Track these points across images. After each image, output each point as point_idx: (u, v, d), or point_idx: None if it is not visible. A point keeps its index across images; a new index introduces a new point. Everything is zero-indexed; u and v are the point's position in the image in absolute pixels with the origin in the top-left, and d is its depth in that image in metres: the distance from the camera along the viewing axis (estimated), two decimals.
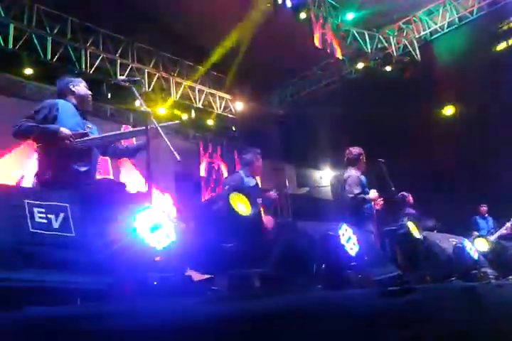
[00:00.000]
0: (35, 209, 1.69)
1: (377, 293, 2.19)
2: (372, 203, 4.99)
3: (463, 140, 8.82)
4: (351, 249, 2.49)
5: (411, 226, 3.93)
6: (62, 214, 1.74)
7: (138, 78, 3.47)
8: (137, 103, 7.30)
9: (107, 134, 3.33)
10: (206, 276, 2.43)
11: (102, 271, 1.63)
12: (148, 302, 1.45)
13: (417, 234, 3.78)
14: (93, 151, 3.24)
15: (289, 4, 8.63)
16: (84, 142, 3.11)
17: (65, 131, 3.04)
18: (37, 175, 3.11)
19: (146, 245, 1.60)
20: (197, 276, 2.37)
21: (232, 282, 2.01)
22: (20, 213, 1.66)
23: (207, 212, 2.87)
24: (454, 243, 3.72)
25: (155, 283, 1.50)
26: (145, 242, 1.60)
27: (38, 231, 1.65)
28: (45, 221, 1.69)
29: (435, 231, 5.29)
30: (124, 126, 9.14)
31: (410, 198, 6.84)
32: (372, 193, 4.95)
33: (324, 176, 11.33)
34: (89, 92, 3.45)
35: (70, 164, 3.04)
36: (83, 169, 3.08)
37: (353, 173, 5.13)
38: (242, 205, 2.80)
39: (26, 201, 1.70)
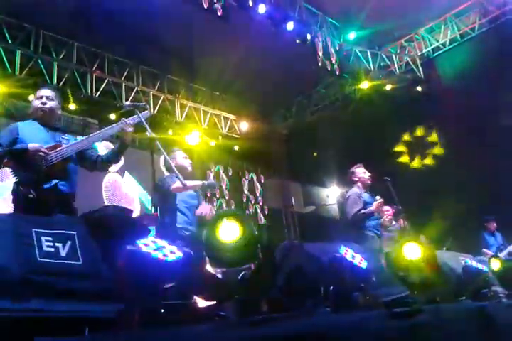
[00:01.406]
0: (43, 238, 1.71)
1: (385, 314, 2.17)
2: (381, 221, 5.00)
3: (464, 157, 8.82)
4: (360, 263, 2.49)
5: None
6: (69, 242, 1.75)
7: (143, 103, 3.50)
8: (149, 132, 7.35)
9: (80, 140, 3.26)
10: (211, 303, 2.41)
11: (110, 298, 1.63)
12: (157, 331, 1.45)
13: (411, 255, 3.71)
14: (70, 168, 3.18)
15: (290, 27, 8.73)
16: (59, 153, 3.05)
17: (33, 145, 2.99)
18: (12, 197, 3.08)
19: (154, 258, 1.58)
20: (202, 303, 2.35)
21: (240, 307, 2.01)
22: (28, 242, 1.68)
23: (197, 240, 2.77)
24: (463, 261, 3.70)
25: (162, 310, 1.50)
26: (153, 255, 1.59)
27: (46, 260, 1.66)
28: (52, 249, 1.70)
29: (444, 249, 5.26)
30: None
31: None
32: (374, 204, 4.93)
33: (331, 194, 11.32)
34: (42, 105, 3.27)
35: (36, 181, 2.99)
36: (48, 185, 3.03)
37: (353, 191, 5.17)
38: (228, 230, 2.42)
39: (34, 230, 1.71)
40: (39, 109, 3.26)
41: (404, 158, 10.10)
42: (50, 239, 1.73)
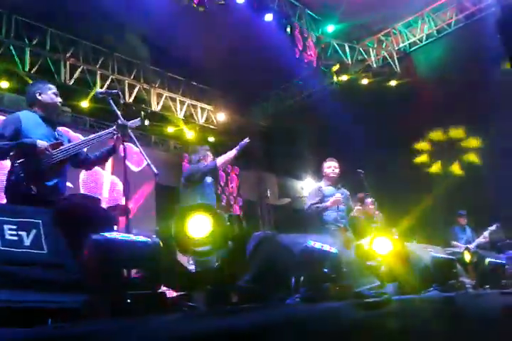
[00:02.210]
0: (6, 226, 1.66)
1: (356, 305, 2.19)
2: (350, 213, 5.05)
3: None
4: (330, 249, 2.50)
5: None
6: (34, 231, 1.71)
7: (116, 90, 3.46)
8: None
9: (80, 141, 3.26)
10: (179, 293, 2.39)
11: (75, 289, 1.59)
12: (123, 322, 1.42)
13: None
14: (62, 164, 3.17)
15: (269, 18, 8.68)
16: (62, 152, 3.07)
17: (42, 143, 3.00)
18: (6, 189, 3.06)
19: (121, 239, 1.54)
20: (170, 293, 2.33)
21: (209, 298, 1.99)
22: None
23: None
24: (431, 253, 3.75)
25: (128, 301, 1.47)
26: (121, 238, 1.55)
27: (8, 248, 1.62)
28: (15, 238, 1.66)
29: (414, 242, 5.34)
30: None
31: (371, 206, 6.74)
32: (331, 199, 4.97)
33: (306, 186, 11.36)
34: (58, 100, 3.36)
35: (39, 178, 2.99)
36: (51, 183, 3.05)
37: (316, 185, 5.27)
38: (198, 224, 2.29)
39: None
40: (54, 102, 3.33)
41: (422, 158, 9.84)
42: (14, 227, 1.68)
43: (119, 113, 2.94)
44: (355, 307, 2.19)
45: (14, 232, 1.67)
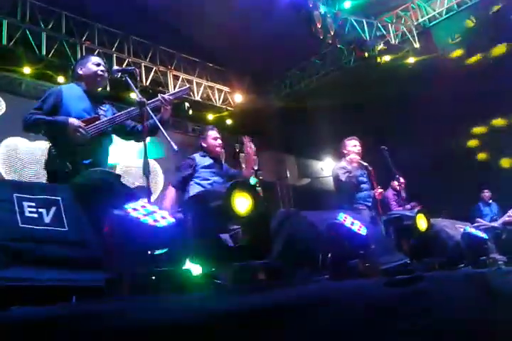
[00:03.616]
0: (25, 204, 1.62)
1: (385, 282, 2.12)
2: (372, 193, 4.98)
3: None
4: (359, 230, 2.43)
5: (419, 218, 3.81)
6: (53, 208, 1.66)
7: (132, 67, 3.40)
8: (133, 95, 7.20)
9: (116, 114, 3.19)
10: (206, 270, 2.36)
11: (98, 266, 1.56)
12: (147, 300, 1.37)
13: (423, 226, 3.67)
14: (102, 140, 3.13)
15: None
16: (97, 128, 3.01)
17: (73, 121, 2.95)
18: (45, 166, 3.05)
19: (143, 223, 1.50)
20: (197, 270, 2.31)
21: (236, 275, 1.94)
22: (8, 207, 1.58)
23: (204, 207, 2.75)
24: (462, 229, 3.66)
25: (153, 277, 1.43)
26: (143, 220, 1.51)
27: (28, 226, 1.58)
28: (35, 215, 1.62)
29: (440, 218, 5.23)
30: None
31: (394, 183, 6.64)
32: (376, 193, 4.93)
33: (325, 167, 11.24)
34: (99, 68, 3.28)
35: (74, 156, 2.95)
36: (87, 161, 2.99)
37: (339, 166, 5.16)
38: (243, 203, 2.54)
39: (15, 195, 1.62)
40: (98, 73, 3.26)
41: (482, 156, 9.31)
42: (33, 204, 1.64)
43: (136, 90, 2.88)
44: (384, 285, 2.12)
45: (34, 209, 1.63)
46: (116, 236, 1.44)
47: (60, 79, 8.14)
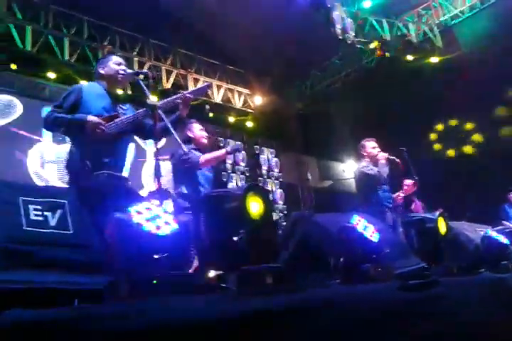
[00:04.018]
0: (31, 206, 1.63)
1: (398, 286, 2.07)
2: (395, 195, 4.92)
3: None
4: (371, 236, 2.38)
5: (440, 221, 3.74)
6: (59, 211, 1.67)
7: (145, 71, 3.41)
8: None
9: (135, 113, 3.19)
10: (218, 272, 2.34)
11: (100, 270, 1.55)
12: (149, 303, 1.36)
13: (443, 230, 3.61)
14: (121, 138, 3.13)
15: None
16: (116, 126, 3.03)
17: (92, 119, 2.96)
18: (66, 166, 3.08)
19: (146, 231, 1.49)
20: (210, 273, 2.29)
21: (243, 279, 1.92)
22: (14, 210, 1.60)
23: (218, 208, 2.75)
24: (482, 232, 3.56)
25: (154, 282, 1.41)
26: (145, 229, 1.50)
27: (33, 229, 1.59)
28: (41, 218, 1.63)
29: (463, 221, 5.11)
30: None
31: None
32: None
33: (347, 168, 11.14)
34: (121, 68, 3.29)
35: (94, 154, 2.96)
36: (107, 159, 2.99)
37: (361, 165, 5.13)
38: (255, 206, 2.59)
39: (21, 198, 1.64)
40: (118, 72, 3.26)
41: (437, 147, 9.90)
42: (39, 207, 1.65)
43: (148, 92, 2.88)
44: (397, 290, 2.07)
45: (39, 212, 1.64)
46: (116, 240, 1.43)
47: (84, 83, 8.26)
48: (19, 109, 7.85)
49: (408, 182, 6.12)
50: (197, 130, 4.43)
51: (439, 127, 10.22)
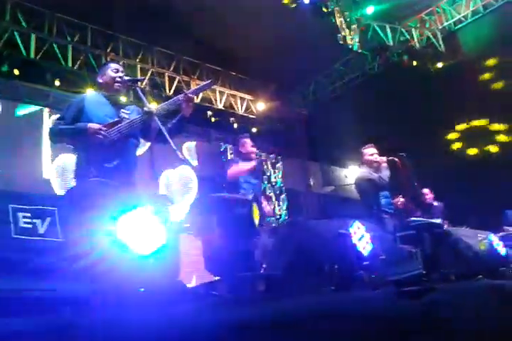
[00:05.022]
0: (20, 214, 1.63)
1: (393, 293, 2.05)
2: (395, 201, 4.91)
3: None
4: (364, 248, 2.36)
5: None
6: (48, 219, 1.68)
7: (142, 78, 3.44)
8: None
9: (137, 117, 3.18)
10: (215, 278, 2.34)
11: (86, 277, 1.55)
12: (131, 312, 1.36)
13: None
14: (124, 144, 3.13)
15: (306, 1, 8.48)
16: (118, 130, 3.05)
17: (92, 126, 2.98)
18: (74, 173, 3.10)
19: (129, 252, 1.49)
20: (209, 278, 2.30)
21: (234, 286, 1.91)
22: (3, 218, 1.60)
23: (229, 213, 2.78)
24: (481, 238, 3.53)
25: (142, 289, 1.41)
26: (127, 249, 1.49)
27: (22, 237, 1.59)
28: (30, 226, 1.63)
29: (464, 227, 5.09)
30: None
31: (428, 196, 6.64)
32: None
33: (349, 174, 11.11)
34: (118, 74, 3.31)
35: (98, 160, 2.97)
36: (111, 164, 3.00)
37: (360, 171, 5.19)
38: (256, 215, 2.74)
39: (10, 206, 1.64)
40: (115, 79, 3.29)
41: (457, 145, 9.80)
42: (29, 214, 1.66)
43: (145, 99, 2.90)
44: (392, 296, 2.05)
45: (29, 220, 1.65)
46: (105, 246, 1.43)
47: (89, 90, 8.30)
48: None
49: (426, 191, 6.32)
50: (249, 146, 4.88)
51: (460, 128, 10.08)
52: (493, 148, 9.47)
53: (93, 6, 7.98)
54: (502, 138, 9.55)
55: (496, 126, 9.59)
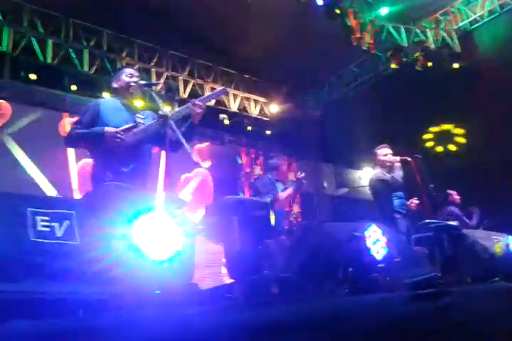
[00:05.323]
0: (38, 218, 1.67)
1: (406, 297, 2.05)
2: (408, 202, 4.91)
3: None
4: (377, 252, 2.36)
5: None
6: (66, 222, 1.71)
7: (157, 82, 3.49)
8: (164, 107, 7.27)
9: (152, 122, 3.22)
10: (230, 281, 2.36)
11: (105, 280, 1.57)
12: (150, 313, 1.38)
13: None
14: (140, 148, 3.17)
15: (320, 2, 8.48)
16: (134, 135, 3.08)
17: (109, 129, 3.03)
18: (91, 177, 3.14)
19: (145, 257, 1.51)
20: (224, 280, 2.32)
21: (249, 288, 1.92)
22: (21, 221, 1.64)
23: (248, 215, 2.82)
24: (497, 241, 3.49)
25: (158, 292, 1.43)
26: (143, 255, 1.51)
27: (39, 240, 1.62)
28: (47, 229, 1.66)
29: (480, 229, 5.04)
30: None
31: (455, 197, 6.61)
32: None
33: (363, 176, 11.05)
34: (132, 80, 3.36)
35: (114, 164, 3.01)
36: (127, 168, 3.04)
37: (375, 173, 5.18)
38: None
39: (29, 209, 1.68)
40: (130, 83, 3.34)
41: (429, 144, 10.05)
42: (47, 218, 1.69)
43: (160, 103, 2.93)
44: (407, 299, 2.05)
45: (47, 223, 1.68)
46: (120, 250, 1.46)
47: (105, 94, 8.39)
48: None
49: (452, 192, 6.35)
50: (285, 168, 5.34)
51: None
52: (452, 147, 9.81)
53: (108, 11, 8.08)
54: (460, 139, 9.76)
55: (458, 130, 9.77)
